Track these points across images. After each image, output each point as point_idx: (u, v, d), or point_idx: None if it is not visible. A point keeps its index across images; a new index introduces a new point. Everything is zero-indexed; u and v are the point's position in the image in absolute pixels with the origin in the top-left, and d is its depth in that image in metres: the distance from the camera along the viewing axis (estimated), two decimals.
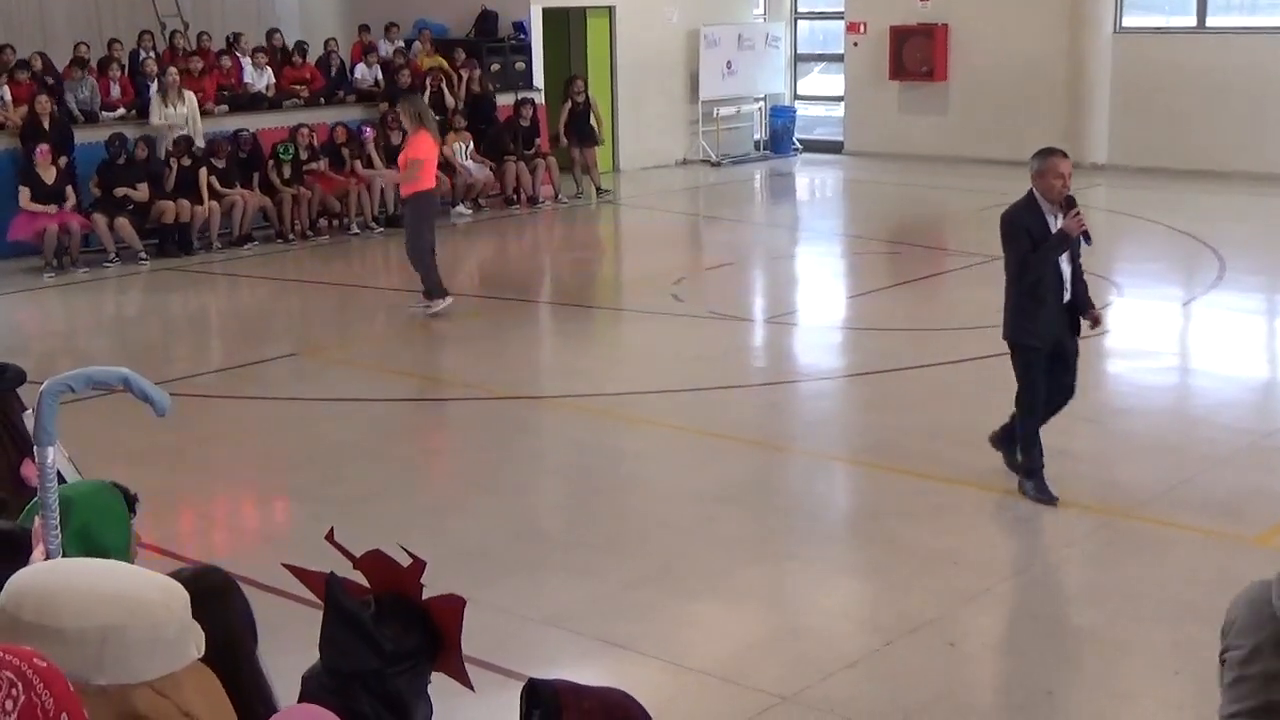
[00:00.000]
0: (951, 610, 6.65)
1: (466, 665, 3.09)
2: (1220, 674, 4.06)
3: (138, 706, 2.16)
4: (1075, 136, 21.83)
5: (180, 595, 2.36)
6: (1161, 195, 18.22)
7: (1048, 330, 7.87)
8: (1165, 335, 12.12)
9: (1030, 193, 8.06)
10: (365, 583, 3.05)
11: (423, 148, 12.89)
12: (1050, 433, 9.38)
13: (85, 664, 2.09)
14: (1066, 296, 7.92)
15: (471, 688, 3.10)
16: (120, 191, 15.53)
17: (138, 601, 2.26)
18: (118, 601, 2.24)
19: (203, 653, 2.35)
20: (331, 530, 3.21)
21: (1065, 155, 8.07)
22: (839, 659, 6.20)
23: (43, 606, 2.17)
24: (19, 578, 2.27)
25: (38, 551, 3.36)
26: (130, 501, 4.16)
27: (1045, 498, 7.74)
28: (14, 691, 1.88)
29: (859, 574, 7.37)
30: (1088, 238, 7.88)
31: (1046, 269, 7.85)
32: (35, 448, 3.57)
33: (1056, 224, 7.78)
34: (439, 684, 3.09)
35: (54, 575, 2.32)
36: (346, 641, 3.01)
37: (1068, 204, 7.78)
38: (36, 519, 3.51)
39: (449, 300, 12.95)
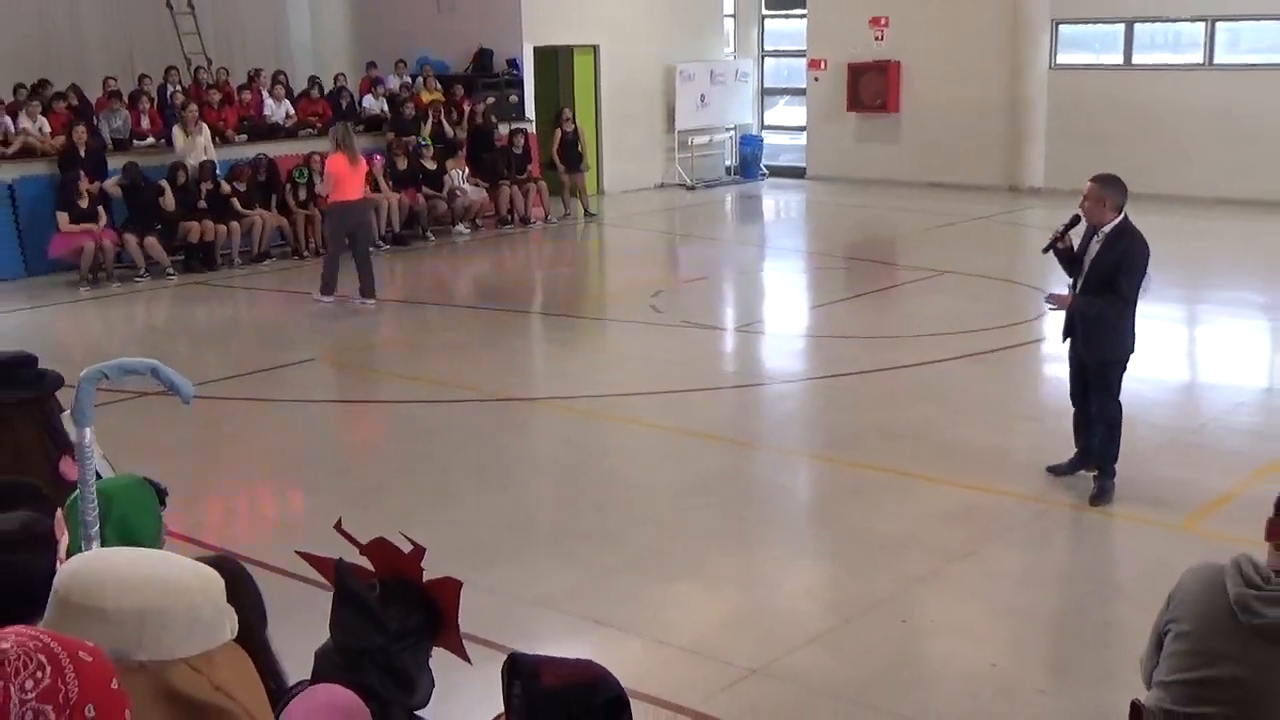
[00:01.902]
0: (904, 590, 6.67)
1: (464, 642, 3.09)
2: (1155, 636, 4.06)
3: (174, 681, 2.15)
4: (1014, 163, 21.99)
5: (216, 581, 2.36)
6: None
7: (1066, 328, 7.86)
8: None
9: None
10: (371, 567, 3.05)
11: (335, 166, 13.96)
12: (989, 430, 9.43)
13: (126, 642, 2.09)
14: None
15: (469, 661, 3.10)
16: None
17: (175, 586, 2.26)
18: (156, 586, 2.24)
19: (236, 634, 2.35)
20: (340, 520, 3.20)
21: (1100, 182, 7.52)
22: (803, 635, 6.22)
23: (88, 589, 2.17)
24: (70, 564, 2.28)
25: (63, 542, 3.35)
26: (161, 495, 4.14)
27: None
28: (39, 674, 1.85)
29: (820, 558, 7.38)
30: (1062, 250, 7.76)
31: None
32: (75, 429, 3.56)
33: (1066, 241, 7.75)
34: (439, 658, 3.09)
35: (100, 562, 2.32)
36: (354, 621, 3.00)
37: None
38: (59, 511, 3.49)
39: (330, 299, 13.87)
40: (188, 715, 2.16)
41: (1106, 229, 7.38)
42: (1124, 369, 7.68)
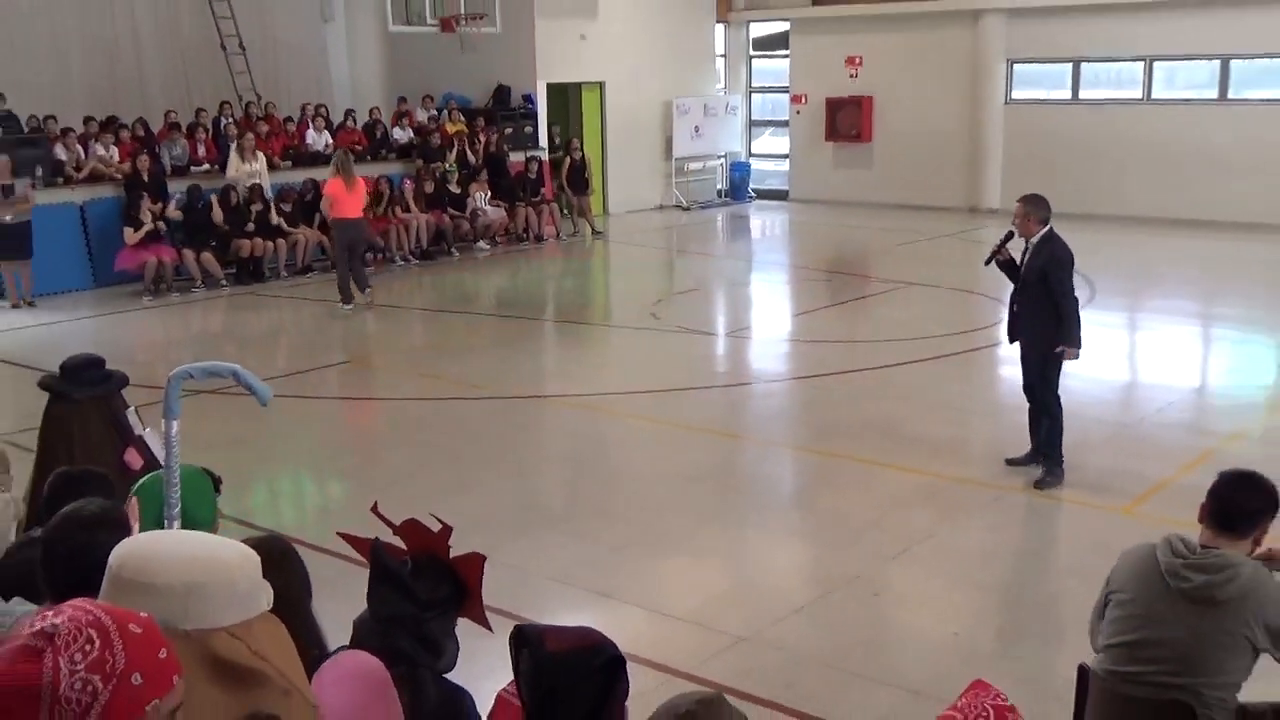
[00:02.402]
0: (876, 567, 6.69)
1: (486, 612, 3.09)
2: (1099, 608, 4.09)
3: (216, 648, 2.16)
4: (973, 187, 22.00)
5: (253, 558, 2.37)
6: None
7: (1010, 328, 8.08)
8: None
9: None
10: (403, 545, 3.05)
11: (332, 189, 14.22)
12: (951, 424, 9.44)
13: (173, 613, 2.09)
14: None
15: (490, 629, 3.11)
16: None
17: (216, 562, 2.27)
18: (199, 563, 2.25)
19: (271, 605, 2.35)
20: (375, 503, 3.21)
21: (1026, 201, 7.82)
22: (787, 606, 6.23)
23: (139, 567, 2.18)
24: (123, 545, 2.28)
25: (135, 525, 3.36)
26: (216, 483, 4.15)
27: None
28: (88, 647, 1.83)
29: (801, 538, 7.38)
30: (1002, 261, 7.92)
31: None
32: (163, 419, 3.56)
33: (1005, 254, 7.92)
34: (463, 626, 3.09)
35: (149, 542, 2.33)
36: (389, 594, 3.01)
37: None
38: (132, 499, 3.49)
39: (349, 308, 14.09)
40: (228, 678, 2.17)
41: (1034, 239, 7.70)
42: (1060, 365, 7.78)
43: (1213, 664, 3.80)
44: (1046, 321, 7.62)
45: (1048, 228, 7.69)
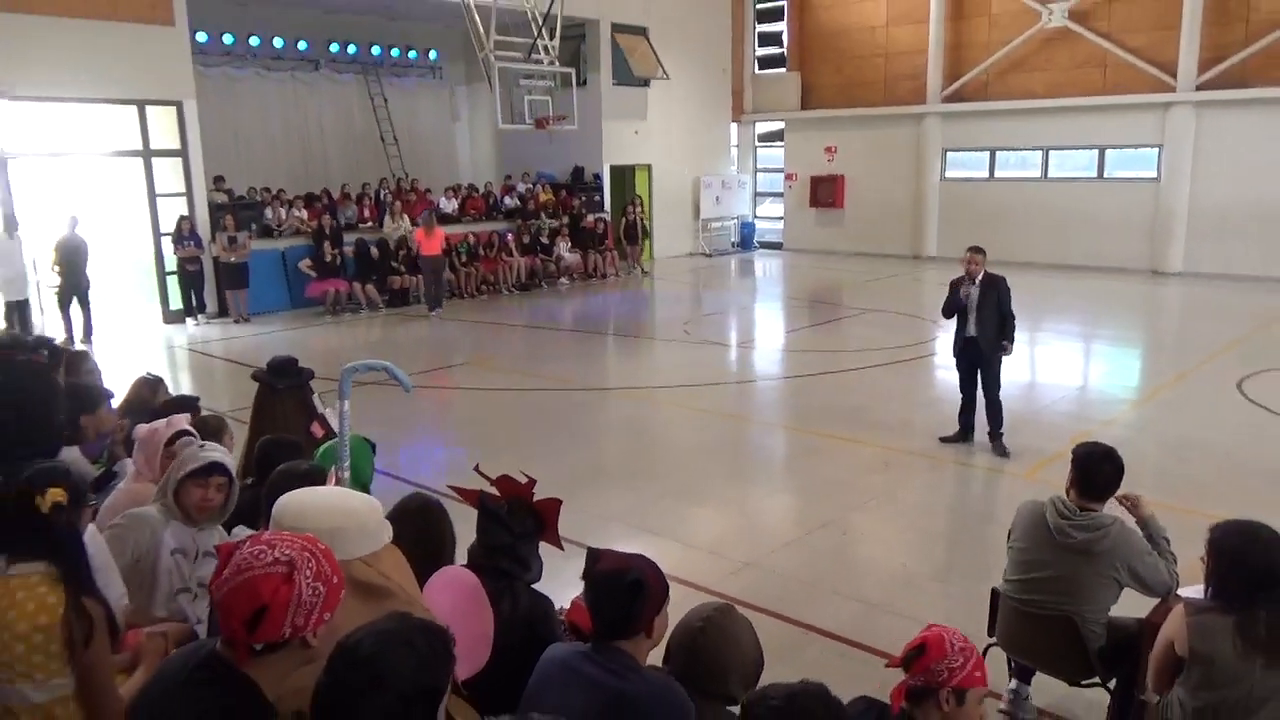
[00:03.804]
0: (844, 514, 6.63)
1: (561, 538, 3.09)
2: (1007, 553, 4.05)
3: (354, 572, 2.19)
4: (917, 240, 21.80)
5: (376, 506, 2.40)
6: None
7: (954, 343, 7.95)
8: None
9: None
10: (498, 493, 3.06)
11: (418, 235, 15.82)
12: (900, 411, 9.33)
13: None
14: (970, 330, 7.80)
15: (562, 548, 3.11)
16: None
17: (350, 510, 2.30)
18: (338, 511, 2.28)
19: (391, 539, 2.36)
20: (478, 465, 3.21)
21: (980, 252, 7.78)
22: (778, 541, 6.19)
23: (297, 516, 2.21)
24: (283, 500, 2.31)
25: (332, 483, 3.41)
26: (373, 447, 4.17)
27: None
28: (314, 565, 1.94)
29: (790, 492, 7.34)
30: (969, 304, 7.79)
31: (951, 311, 7.88)
32: (338, 401, 3.62)
33: (963, 290, 7.81)
34: (546, 553, 3.09)
35: (302, 497, 2.35)
36: (491, 527, 3.02)
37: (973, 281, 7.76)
38: (333, 468, 3.54)
39: (437, 313, 15.36)
40: (364, 593, 2.19)
41: (980, 276, 7.73)
42: (1001, 362, 7.86)
43: (1089, 595, 3.78)
44: (995, 330, 7.72)
45: (984, 268, 7.81)
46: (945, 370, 11.00)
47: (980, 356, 7.80)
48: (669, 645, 2.61)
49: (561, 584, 3.41)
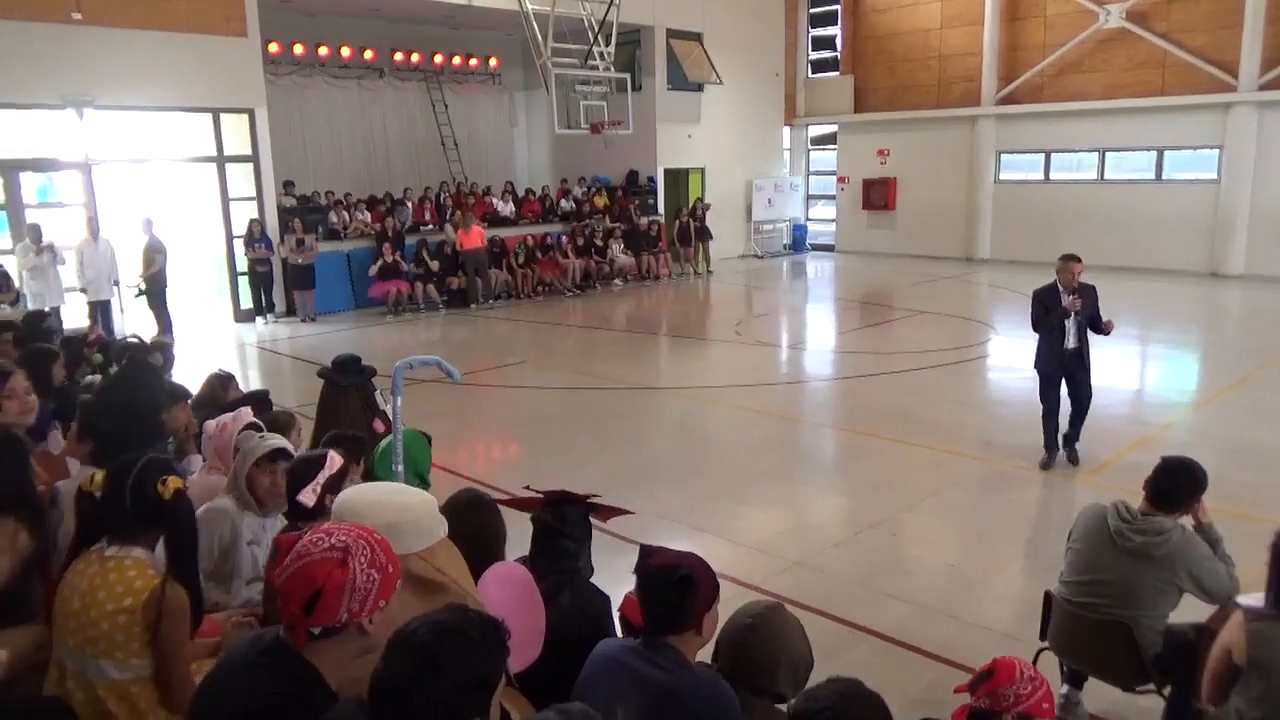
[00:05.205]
0: (894, 515, 6.54)
1: (615, 542, 3.08)
2: (1065, 554, 3.97)
3: (410, 566, 2.21)
4: (970, 243, 21.42)
5: (432, 502, 2.42)
6: (1024, 277, 17.65)
7: (1049, 359, 7.34)
8: (1024, 357, 11.75)
9: (1055, 280, 7.30)
10: (542, 498, 3.07)
11: (460, 232, 16.24)
12: (951, 414, 9.17)
13: None
14: (1070, 343, 7.23)
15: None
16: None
17: (406, 506, 2.32)
18: (395, 507, 2.31)
19: (446, 534, 2.37)
20: (528, 486, 3.22)
21: (1077, 260, 7.17)
22: (828, 541, 6.13)
23: (355, 512, 2.23)
24: (342, 497, 2.35)
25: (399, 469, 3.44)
26: (429, 440, 4.21)
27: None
28: (368, 552, 1.96)
29: (840, 492, 7.26)
30: (1076, 313, 7.23)
31: (1049, 325, 7.25)
32: (392, 395, 3.67)
33: (1066, 300, 7.22)
34: (602, 551, 3.08)
35: (360, 494, 2.39)
36: (553, 531, 3.03)
37: (1074, 289, 7.21)
38: (399, 466, 3.59)
39: (476, 307, 15.90)
40: (420, 587, 2.21)
41: (1076, 283, 7.19)
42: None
43: (1145, 601, 3.70)
44: (1086, 339, 7.33)
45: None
46: (998, 373, 10.80)
47: (1079, 365, 7.34)
48: (718, 642, 2.59)
49: (614, 579, 3.41)
